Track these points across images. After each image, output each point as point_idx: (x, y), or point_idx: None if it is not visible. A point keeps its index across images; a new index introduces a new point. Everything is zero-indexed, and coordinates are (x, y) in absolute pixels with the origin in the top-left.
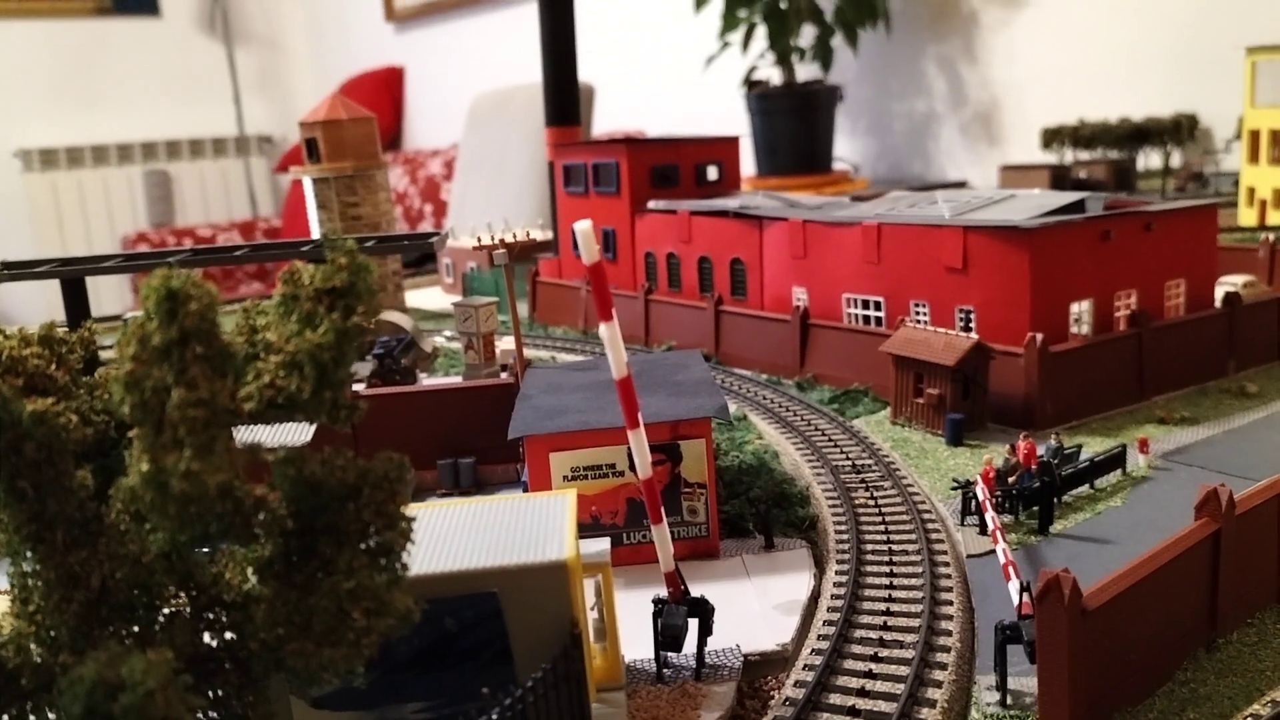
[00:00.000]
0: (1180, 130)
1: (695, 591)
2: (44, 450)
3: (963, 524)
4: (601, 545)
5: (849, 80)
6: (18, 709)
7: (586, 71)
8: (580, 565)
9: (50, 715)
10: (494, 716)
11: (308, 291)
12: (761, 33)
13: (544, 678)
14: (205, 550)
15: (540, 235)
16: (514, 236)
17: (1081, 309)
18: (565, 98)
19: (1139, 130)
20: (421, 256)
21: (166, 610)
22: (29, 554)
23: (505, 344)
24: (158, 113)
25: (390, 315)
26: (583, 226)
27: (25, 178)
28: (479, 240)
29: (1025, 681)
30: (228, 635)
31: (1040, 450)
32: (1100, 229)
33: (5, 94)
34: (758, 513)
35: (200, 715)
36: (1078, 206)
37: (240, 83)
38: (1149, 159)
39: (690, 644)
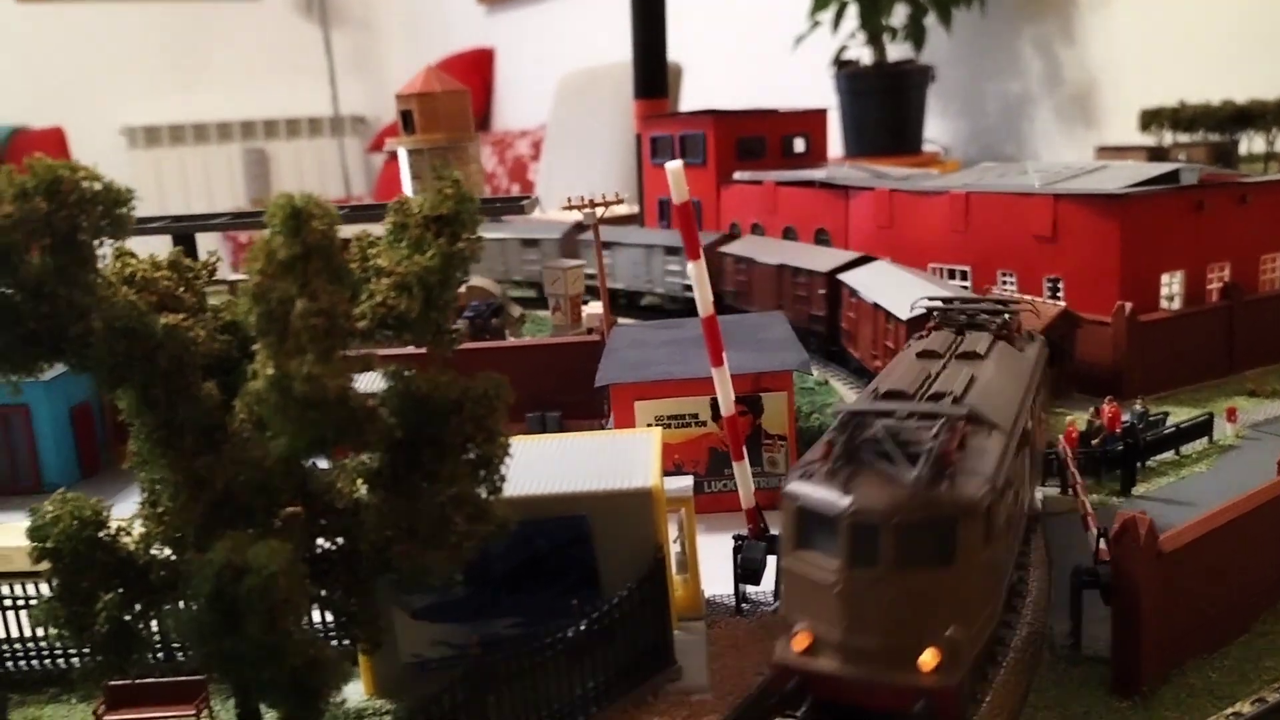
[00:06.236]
0: None
1: (775, 531)
2: (175, 361)
3: (1043, 484)
4: (685, 481)
5: (941, 60)
6: (146, 604)
7: (675, 51)
8: (664, 495)
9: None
10: (582, 627)
11: (416, 219)
12: (853, 11)
13: (629, 597)
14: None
15: (626, 208)
16: (603, 197)
17: (1173, 280)
18: (654, 70)
19: (1242, 113)
20: None
21: (283, 515)
22: (159, 459)
23: (592, 309)
24: (256, 92)
25: (480, 281)
26: (674, 166)
27: (130, 154)
28: (569, 200)
29: (1100, 628)
30: (339, 540)
31: (1125, 416)
32: (1193, 199)
33: (112, 73)
34: None
35: (310, 617)
36: (1171, 178)
37: (336, 64)
38: (1252, 143)
39: (769, 579)
